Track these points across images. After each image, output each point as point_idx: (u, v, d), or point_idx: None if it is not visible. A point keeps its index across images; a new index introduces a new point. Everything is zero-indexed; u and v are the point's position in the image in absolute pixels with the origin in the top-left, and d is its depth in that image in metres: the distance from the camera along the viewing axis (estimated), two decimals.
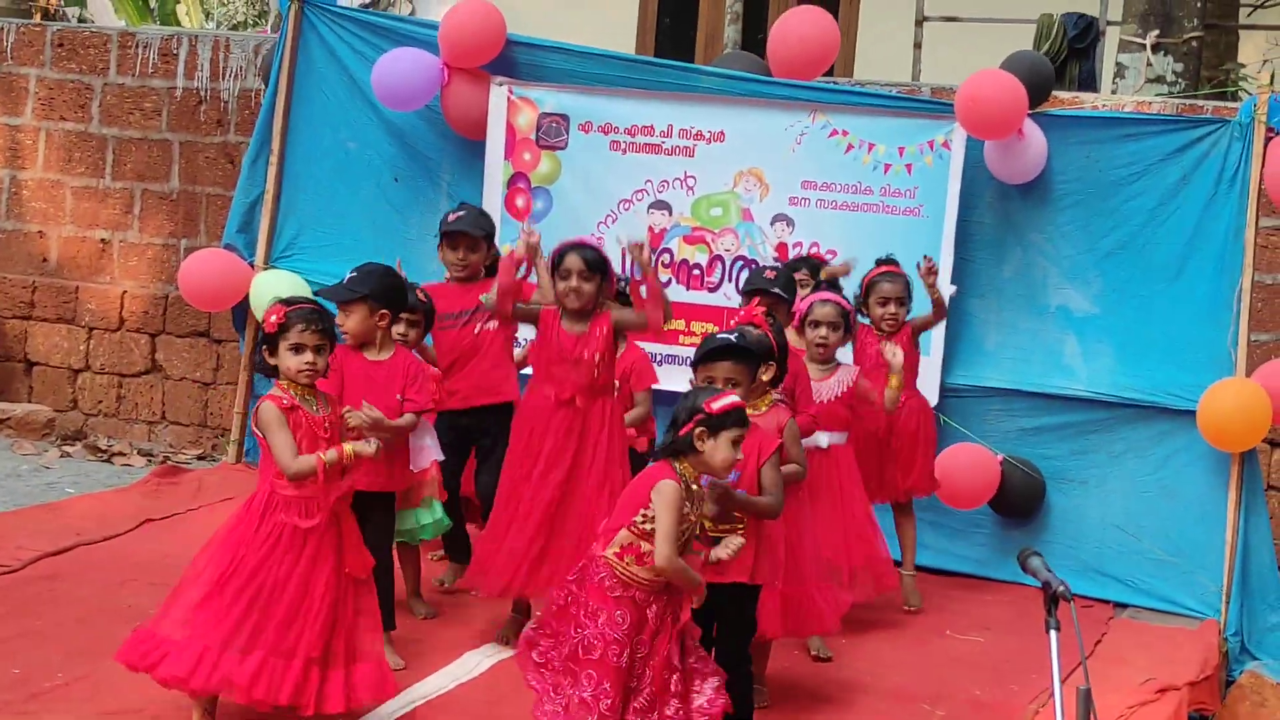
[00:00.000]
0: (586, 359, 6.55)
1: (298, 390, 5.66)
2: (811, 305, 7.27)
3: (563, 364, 6.56)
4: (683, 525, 5.29)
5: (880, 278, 7.84)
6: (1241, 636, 7.93)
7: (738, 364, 5.80)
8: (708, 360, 5.81)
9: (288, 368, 5.65)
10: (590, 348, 6.56)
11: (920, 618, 7.85)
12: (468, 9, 9.15)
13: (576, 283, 6.54)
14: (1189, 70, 11.53)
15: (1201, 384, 8.14)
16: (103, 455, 11.03)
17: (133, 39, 11.44)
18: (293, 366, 5.64)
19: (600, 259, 6.60)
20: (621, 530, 5.33)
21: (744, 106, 8.83)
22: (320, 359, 5.68)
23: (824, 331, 7.22)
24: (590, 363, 6.55)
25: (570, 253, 6.59)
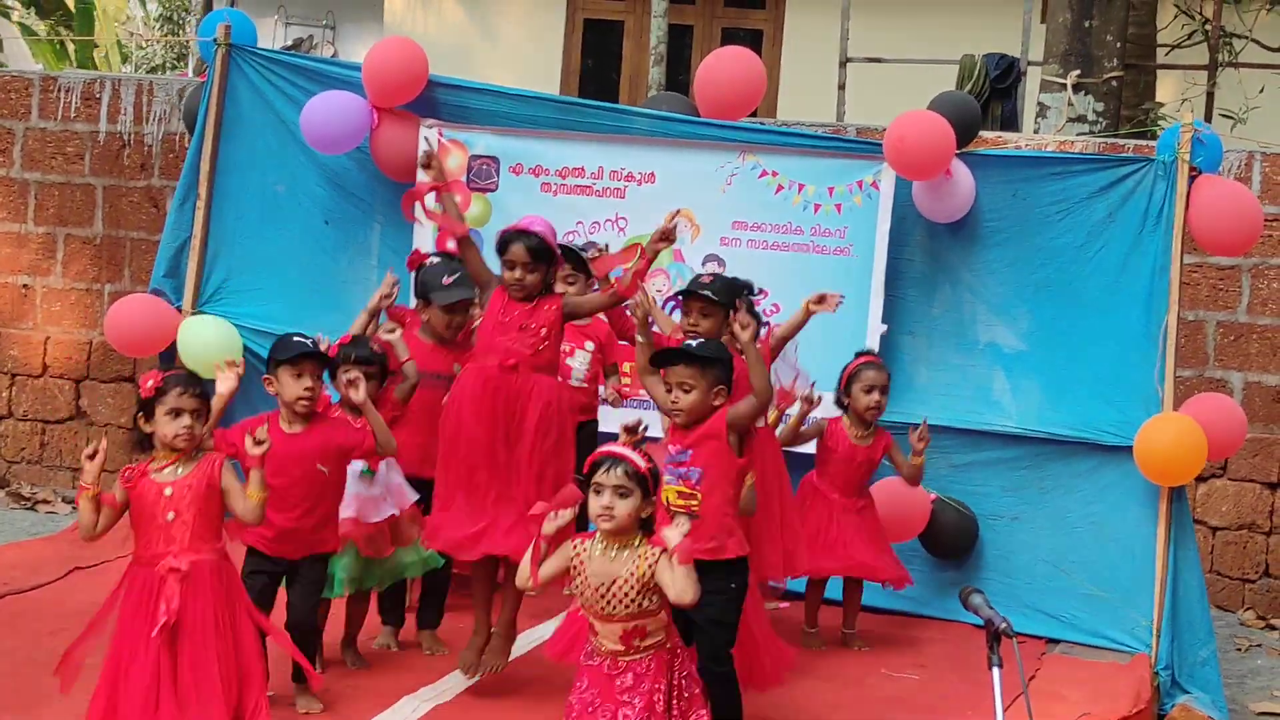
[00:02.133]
0: (533, 328, 6.58)
1: (163, 458, 5.58)
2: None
3: (509, 332, 6.57)
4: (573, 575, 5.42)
5: (864, 366, 7.91)
6: (1172, 670, 7.96)
7: (690, 367, 5.98)
8: (665, 361, 5.93)
9: (164, 434, 5.56)
10: (538, 320, 6.61)
11: (857, 656, 7.87)
12: (390, 47, 9.14)
13: (520, 273, 6.61)
14: (1109, 110, 11.70)
15: (1129, 419, 8.21)
16: (26, 503, 10.92)
17: (55, 83, 11.37)
18: (169, 432, 5.55)
19: (543, 246, 6.64)
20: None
21: (674, 148, 8.85)
22: (197, 424, 5.60)
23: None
24: (536, 333, 6.58)
25: (515, 242, 6.64)
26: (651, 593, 5.35)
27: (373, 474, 6.91)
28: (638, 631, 5.36)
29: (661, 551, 5.32)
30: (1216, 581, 10.01)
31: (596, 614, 5.38)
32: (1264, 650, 9.45)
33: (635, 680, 5.37)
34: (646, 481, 5.38)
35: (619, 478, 5.33)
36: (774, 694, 7.02)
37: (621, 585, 5.32)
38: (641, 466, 5.36)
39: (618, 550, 5.37)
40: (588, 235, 8.88)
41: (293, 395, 6.37)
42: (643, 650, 5.39)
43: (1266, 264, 9.91)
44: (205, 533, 5.59)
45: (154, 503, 5.54)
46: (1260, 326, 9.97)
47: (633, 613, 5.34)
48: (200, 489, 5.58)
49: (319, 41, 20.53)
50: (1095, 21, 11.66)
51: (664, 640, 5.44)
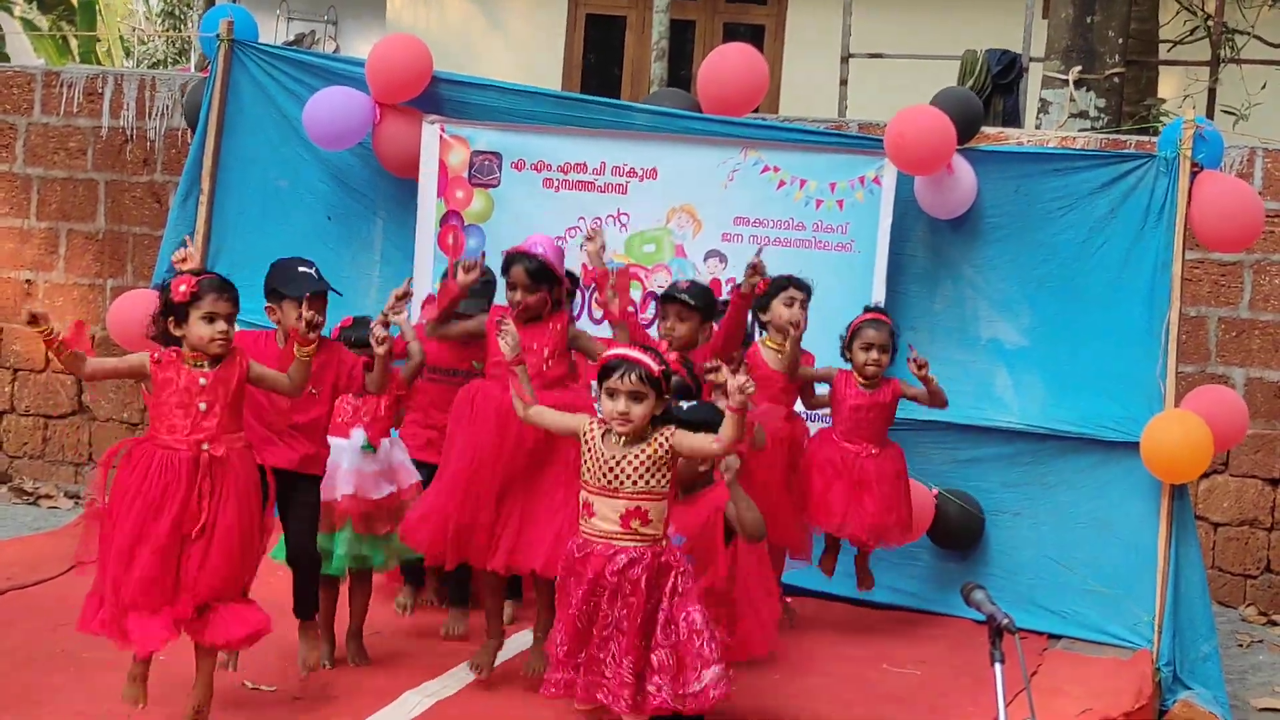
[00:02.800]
0: (536, 349, 6.58)
1: (190, 358, 5.71)
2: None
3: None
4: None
5: (866, 324, 7.92)
6: (1174, 666, 7.95)
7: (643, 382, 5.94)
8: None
9: (200, 336, 5.71)
10: (541, 340, 6.62)
11: (857, 651, 7.86)
12: (394, 44, 9.14)
13: (520, 295, 6.65)
14: (1111, 106, 11.69)
15: (1131, 415, 8.22)
16: (29, 498, 10.93)
17: (57, 78, 11.37)
18: (205, 335, 5.70)
19: (543, 269, 6.65)
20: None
21: (676, 143, 8.85)
22: (232, 329, 5.77)
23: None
24: (539, 355, 6.59)
25: (515, 264, 6.67)
26: (660, 472, 5.49)
27: (374, 450, 6.92)
28: (638, 514, 5.47)
29: (674, 431, 5.50)
30: (1218, 577, 10.02)
31: (600, 489, 5.50)
32: (1265, 646, 9.45)
33: (628, 563, 5.46)
34: (660, 383, 5.51)
35: (633, 382, 5.47)
36: (776, 688, 7.05)
37: (632, 460, 5.46)
38: (655, 369, 5.50)
39: (630, 440, 5.52)
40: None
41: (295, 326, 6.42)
42: (640, 537, 5.48)
43: (1268, 260, 9.91)
44: (233, 425, 5.79)
45: (186, 389, 5.70)
46: (1262, 322, 9.97)
47: (640, 490, 5.46)
48: (233, 384, 5.77)
49: (321, 37, 20.54)
50: (1097, 17, 11.65)
51: (660, 535, 5.54)
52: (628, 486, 5.48)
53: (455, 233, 8.99)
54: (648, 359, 5.53)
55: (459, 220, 8.99)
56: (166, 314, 5.76)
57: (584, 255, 7.08)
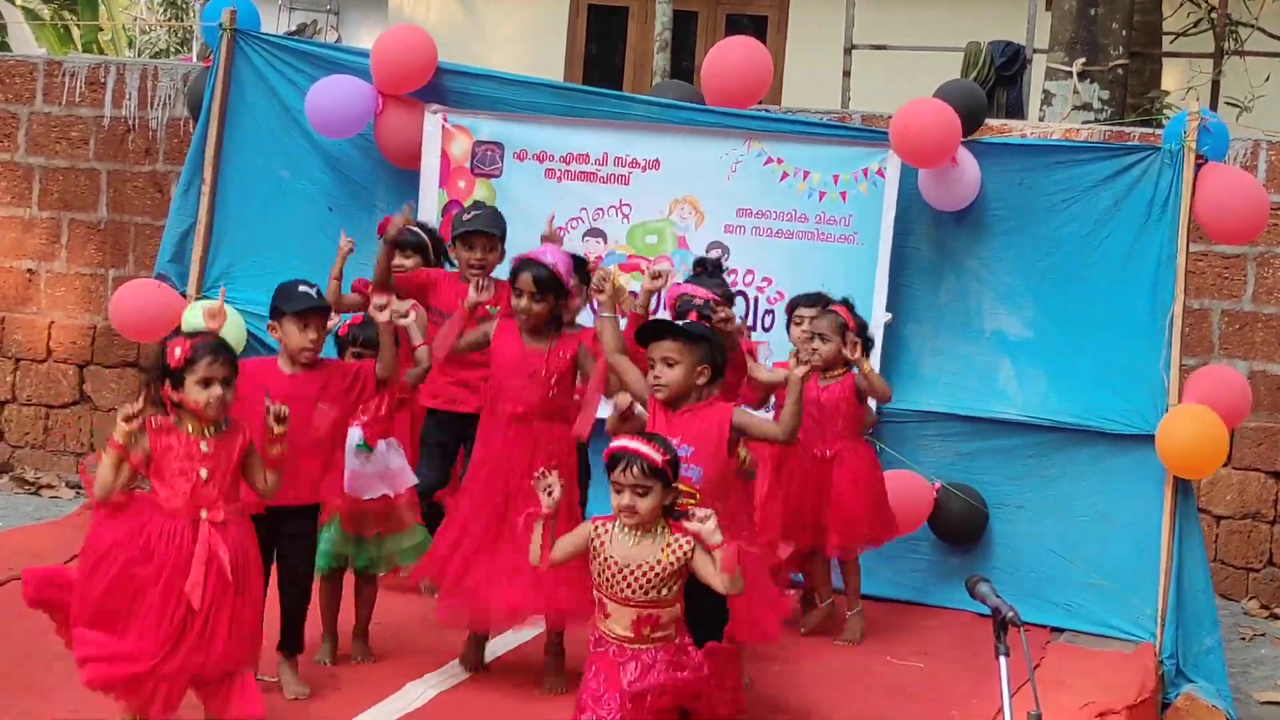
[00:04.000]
0: (543, 376, 6.55)
1: (188, 421, 5.59)
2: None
3: (517, 377, 6.55)
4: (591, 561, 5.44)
5: (798, 298, 7.82)
6: (1177, 659, 7.95)
7: (676, 341, 5.94)
8: (650, 336, 5.90)
9: (195, 402, 5.55)
10: (549, 366, 6.58)
11: (861, 643, 7.85)
12: (398, 35, 9.13)
13: (527, 303, 6.58)
14: (1115, 98, 11.67)
15: (1135, 408, 8.22)
16: (30, 488, 10.92)
17: (59, 68, 11.35)
18: (200, 399, 5.55)
19: (551, 278, 6.57)
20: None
21: (679, 135, 8.83)
22: (228, 392, 5.62)
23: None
24: (546, 382, 6.55)
25: (523, 271, 6.60)
26: (672, 583, 5.35)
27: (370, 450, 6.88)
28: (650, 620, 5.35)
29: (693, 546, 5.32)
30: (1221, 571, 10.01)
31: (613, 596, 5.37)
32: (1268, 639, 9.45)
33: (641, 671, 5.34)
34: (665, 474, 5.34)
35: (636, 476, 5.31)
36: (779, 680, 7.05)
37: (646, 571, 5.32)
38: (658, 461, 5.31)
39: (641, 536, 5.37)
40: (592, 221, 8.88)
41: (297, 345, 6.37)
42: (652, 641, 5.37)
43: (1271, 252, 9.89)
44: (231, 494, 5.66)
45: (187, 457, 5.56)
46: (1265, 315, 9.96)
47: (651, 599, 5.33)
48: (234, 454, 5.65)
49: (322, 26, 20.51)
50: (1101, 9, 11.63)
51: (673, 635, 5.42)
52: (639, 596, 5.34)
53: None
54: (649, 450, 5.33)
55: (460, 209, 8.96)
56: (162, 377, 5.63)
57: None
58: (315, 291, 6.47)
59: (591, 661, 5.45)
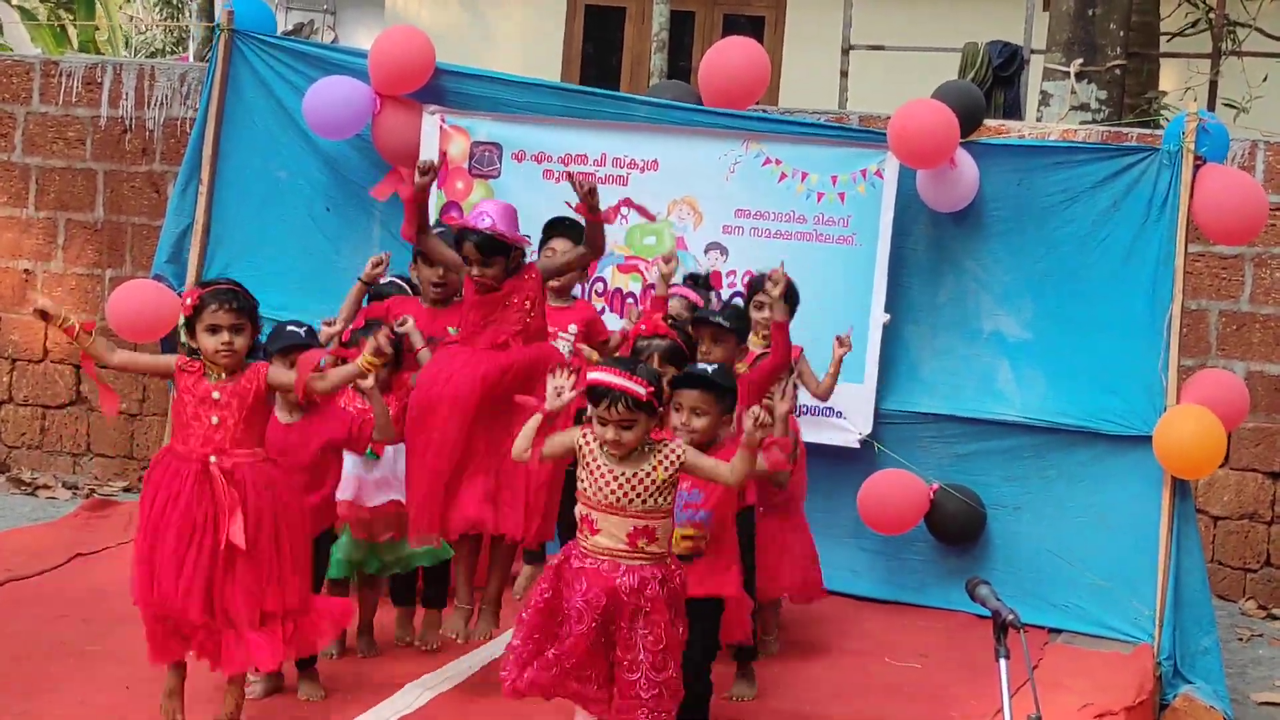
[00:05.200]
0: (516, 303, 6.58)
1: (210, 369, 5.70)
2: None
3: (491, 309, 6.56)
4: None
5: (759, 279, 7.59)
6: (1175, 660, 7.94)
7: (707, 394, 5.89)
8: (681, 384, 5.87)
9: (205, 349, 5.68)
10: (519, 293, 6.60)
11: (858, 645, 7.86)
12: (396, 36, 9.12)
13: (478, 271, 6.57)
14: (1113, 98, 11.67)
15: (1133, 409, 8.22)
16: (27, 488, 10.91)
17: (56, 67, 11.34)
18: (209, 347, 5.67)
19: (490, 241, 6.54)
20: None
21: (677, 135, 8.83)
22: (239, 338, 5.70)
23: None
24: (520, 307, 6.59)
25: (464, 241, 6.61)
26: (667, 491, 5.37)
27: (376, 458, 6.88)
28: (646, 532, 5.35)
29: (684, 447, 5.39)
30: (1218, 571, 10.01)
31: (605, 506, 5.35)
32: (1265, 640, 9.45)
33: (640, 583, 5.33)
34: (650, 404, 5.35)
35: (621, 412, 5.31)
36: (777, 680, 7.05)
37: (641, 479, 5.32)
38: (642, 394, 5.30)
39: (635, 456, 5.37)
40: None
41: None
42: (647, 555, 5.36)
43: (1269, 253, 9.89)
44: (246, 439, 5.73)
45: (200, 402, 5.68)
46: (1263, 316, 9.95)
47: (647, 509, 5.33)
48: (247, 398, 5.72)
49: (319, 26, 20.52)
50: (1098, 9, 11.62)
51: (664, 553, 5.43)
52: (635, 505, 5.33)
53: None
54: (634, 385, 5.30)
55: (459, 211, 8.93)
56: (188, 327, 5.77)
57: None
58: (304, 331, 6.48)
59: (576, 576, 5.39)
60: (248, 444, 5.75)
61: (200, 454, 5.67)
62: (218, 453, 5.67)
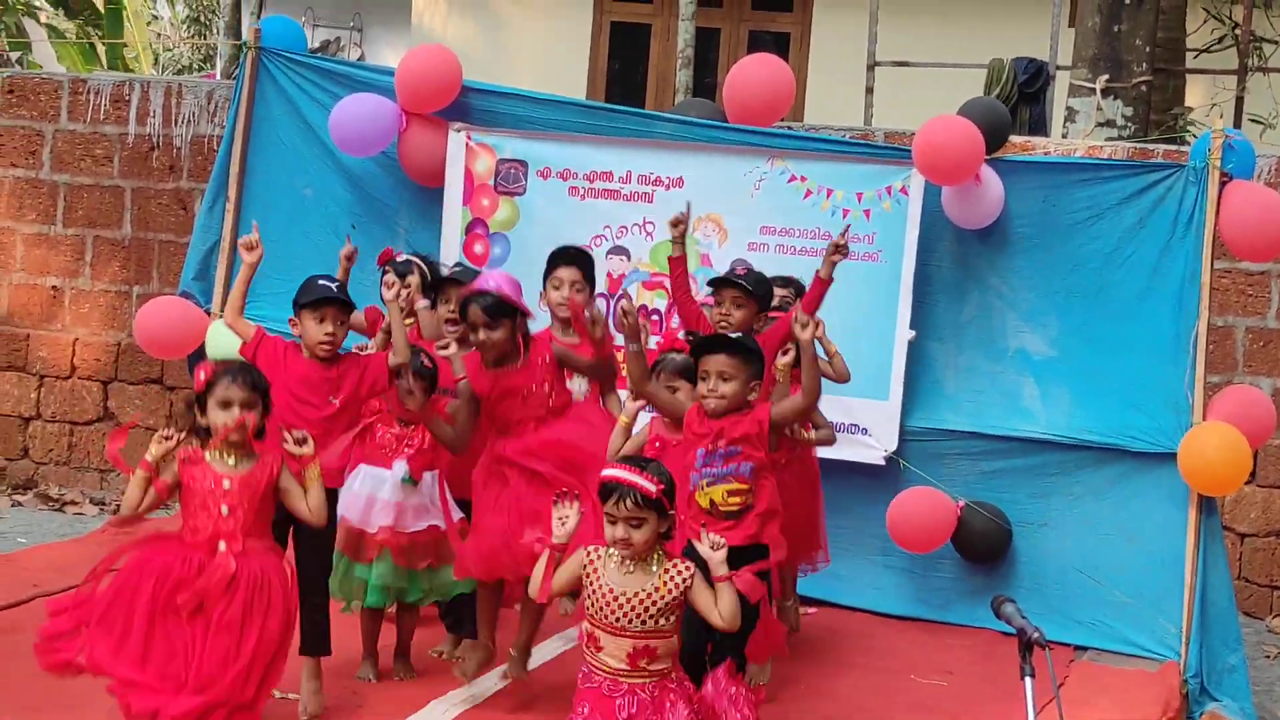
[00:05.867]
0: (535, 391, 6.51)
1: (219, 448, 5.61)
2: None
3: (512, 400, 6.49)
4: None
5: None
6: (1201, 678, 7.93)
7: (731, 357, 5.97)
8: (704, 350, 5.90)
9: (216, 425, 5.58)
10: (535, 379, 6.53)
11: (884, 662, 7.85)
12: (424, 55, 9.16)
13: (484, 334, 6.47)
14: (1138, 114, 11.66)
15: (1159, 426, 8.21)
16: (54, 504, 10.95)
17: (84, 85, 11.40)
18: (219, 423, 5.58)
19: (498, 304, 6.46)
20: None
21: (703, 152, 8.85)
22: (250, 414, 5.60)
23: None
24: (541, 394, 6.52)
25: (470, 305, 6.52)
26: (670, 613, 5.22)
27: (415, 483, 6.84)
28: (647, 652, 5.20)
29: (694, 573, 5.22)
30: (1244, 588, 9.97)
31: (606, 626, 5.21)
32: None
33: (639, 707, 5.19)
34: (661, 504, 5.20)
35: (630, 509, 5.17)
36: (802, 698, 7.04)
37: (643, 599, 5.18)
38: (652, 491, 5.16)
39: (635, 566, 5.24)
40: (616, 239, 8.89)
41: (314, 339, 6.42)
42: (649, 674, 5.22)
43: None
44: (256, 529, 5.65)
45: (210, 492, 5.58)
46: None
47: (648, 629, 5.19)
48: (259, 489, 5.64)
49: (346, 44, 20.56)
50: (1124, 26, 11.62)
51: (669, 670, 5.27)
52: (635, 626, 5.19)
53: (481, 241, 9.00)
54: (643, 481, 5.16)
55: (484, 228, 9.00)
56: (195, 402, 5.68)
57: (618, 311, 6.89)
58: (335, 285, 6.50)
59: (581, 699, 5.28)
60: (257, 534, 5.66)
61: (210, 543, 5.56)
62: (228, 539, 5.57)
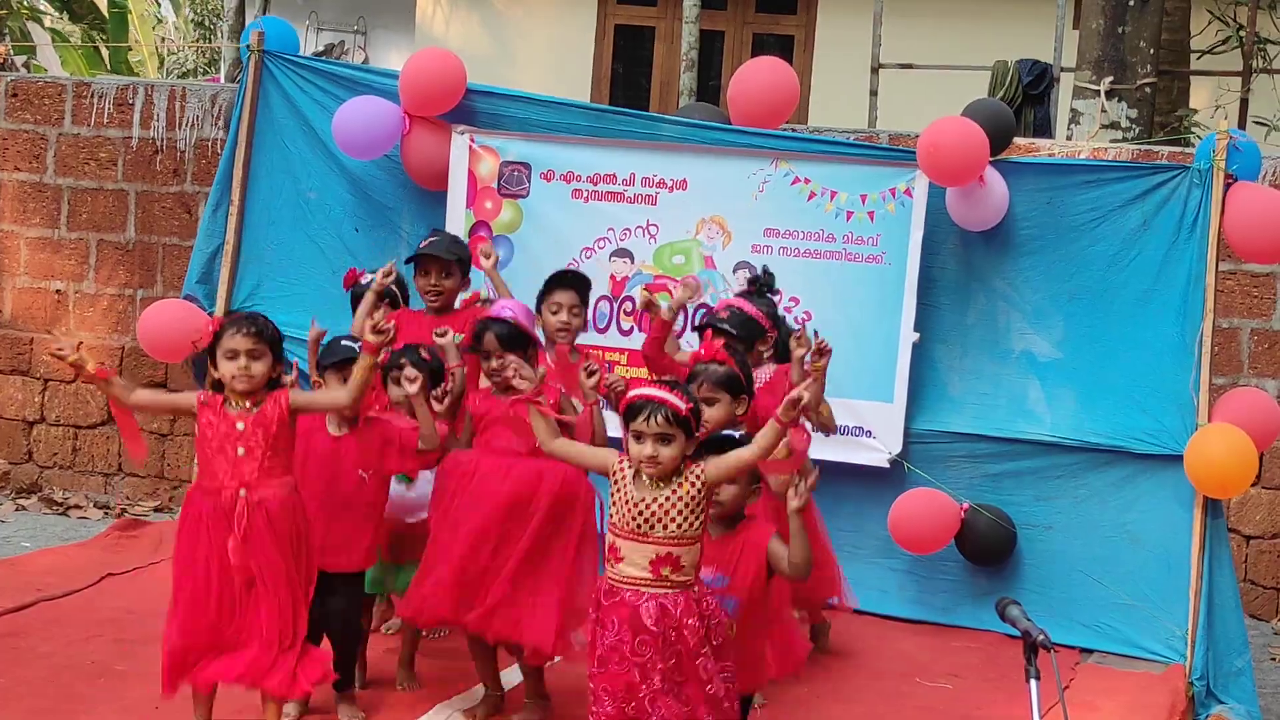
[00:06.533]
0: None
1: (232, 399, 5.70)
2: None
3: (511, 423, 6.40)
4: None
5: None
6: (1207, 680, 7.90)
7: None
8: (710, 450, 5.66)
9: (223, 374, 5.69)
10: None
11: (889, 665, 7.84)
12: (428, 58, 9.14)
13: (497, 362, 6.44)
14: (1143, 116, 11.66)
15: (1164, 428, 8.19)
16: (59, 508, 10.94)
17: (88, 89, 11.39)
18: (227, 373, 5.67)
19: (515, 332, 6.47)
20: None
21: (706, 154, 8.82)
22: (256, 364, 5.68)
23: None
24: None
25: (485, 332, 6.51)
26: (694, 514, 5.22)
27: (410, 481, 6.88)
28: (670, 560, 5.20)
29: (707, 462, 5.26)
30: (1250, 590, 9.95)
31: (628, 534, 5.23)
32: None
33: (660, 612, 5.18)
34: (689, 422, 5.23)
35: (660, 424, 5.18)
36: (808, 701, 7.03)
37: (664, 503, 5.19)
38: (682, 409, 5.20)
39: (661, 485, 5.25)
40: (619, 242, 8.88)
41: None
42: (671, 584, 5.21)
43: None
44: (274, 468, 5.73)
45: (225, 435, 5.68)
46: None
47: (671, 535, 5.19)
48: (272, 425, 5.71)
49: (350, 47, 20.59)
50: (1128, 27, 11.61)
51: (691, 581, 5.27)
52: (658, 531, 5.19)
53: (485, 243, 8.97)
54: (674, 398, 5.20)
55: (488, 231, 8.99)
56: (210, 355, 5.78)
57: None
58: (359, 345, 6.47)
59: (603, 615, 5.26)
60: (276, 474, 5.74)
61: (230, 487, 5.67)
62: (247, 486, 5.66)
